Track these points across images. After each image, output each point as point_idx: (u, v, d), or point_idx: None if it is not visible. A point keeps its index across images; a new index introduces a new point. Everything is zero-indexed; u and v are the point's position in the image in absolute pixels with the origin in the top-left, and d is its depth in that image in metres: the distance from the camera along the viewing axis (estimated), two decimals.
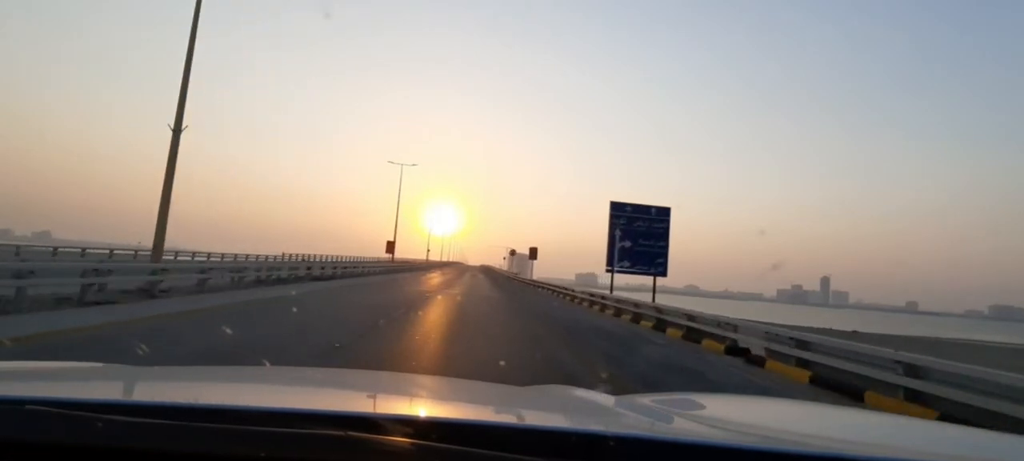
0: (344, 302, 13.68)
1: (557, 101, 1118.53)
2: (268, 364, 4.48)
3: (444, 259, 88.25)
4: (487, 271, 58.32)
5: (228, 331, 7.93)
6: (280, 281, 18.49)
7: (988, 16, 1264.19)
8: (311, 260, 26.20)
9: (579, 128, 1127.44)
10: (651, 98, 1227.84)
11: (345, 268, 27.26)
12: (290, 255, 26.64)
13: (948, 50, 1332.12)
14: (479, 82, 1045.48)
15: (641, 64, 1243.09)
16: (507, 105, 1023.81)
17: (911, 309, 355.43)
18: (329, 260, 27.65)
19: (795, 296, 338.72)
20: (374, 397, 1.26)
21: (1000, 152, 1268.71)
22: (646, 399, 1.29)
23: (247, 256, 26.44)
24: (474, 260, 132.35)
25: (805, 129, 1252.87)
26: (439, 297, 17.57)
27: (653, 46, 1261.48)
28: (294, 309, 10.61)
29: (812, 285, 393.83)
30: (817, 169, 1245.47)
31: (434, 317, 11.94)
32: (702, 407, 1.37)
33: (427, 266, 50.11)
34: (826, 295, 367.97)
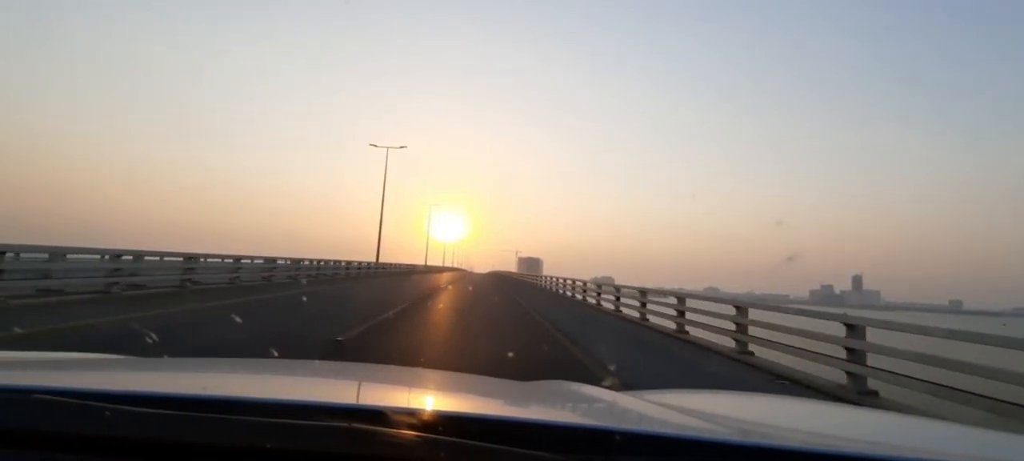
0: None
1: (562, 104, 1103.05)
2: (276, 355, 4.51)
3: (446, 264, 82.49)
4: (500, 281, 37.72)
5: None
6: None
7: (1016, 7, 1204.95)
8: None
9: (584, 130, 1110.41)
10: (662, 98, 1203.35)
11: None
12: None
13: (991, 38, 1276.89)
14: (481, 87, 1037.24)
15: (651, 62, 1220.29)
16: (509, 110, 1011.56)
17: (954, 308, 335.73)
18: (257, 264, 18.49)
19: (826, 297, 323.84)
20: (381, 390, 1.27)
21: None
22: (652, 395, 1.28)
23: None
24: (480, 266, 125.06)
25: (828, 125, 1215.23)
26: None
27: (662, 42, 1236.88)
28: None
29: (843, 284, 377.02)
30: (843, 167, 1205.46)
31: None
32: (708, 403, 1.33)
33: (409, 272, 42.93)
34: (860, 294, 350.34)
